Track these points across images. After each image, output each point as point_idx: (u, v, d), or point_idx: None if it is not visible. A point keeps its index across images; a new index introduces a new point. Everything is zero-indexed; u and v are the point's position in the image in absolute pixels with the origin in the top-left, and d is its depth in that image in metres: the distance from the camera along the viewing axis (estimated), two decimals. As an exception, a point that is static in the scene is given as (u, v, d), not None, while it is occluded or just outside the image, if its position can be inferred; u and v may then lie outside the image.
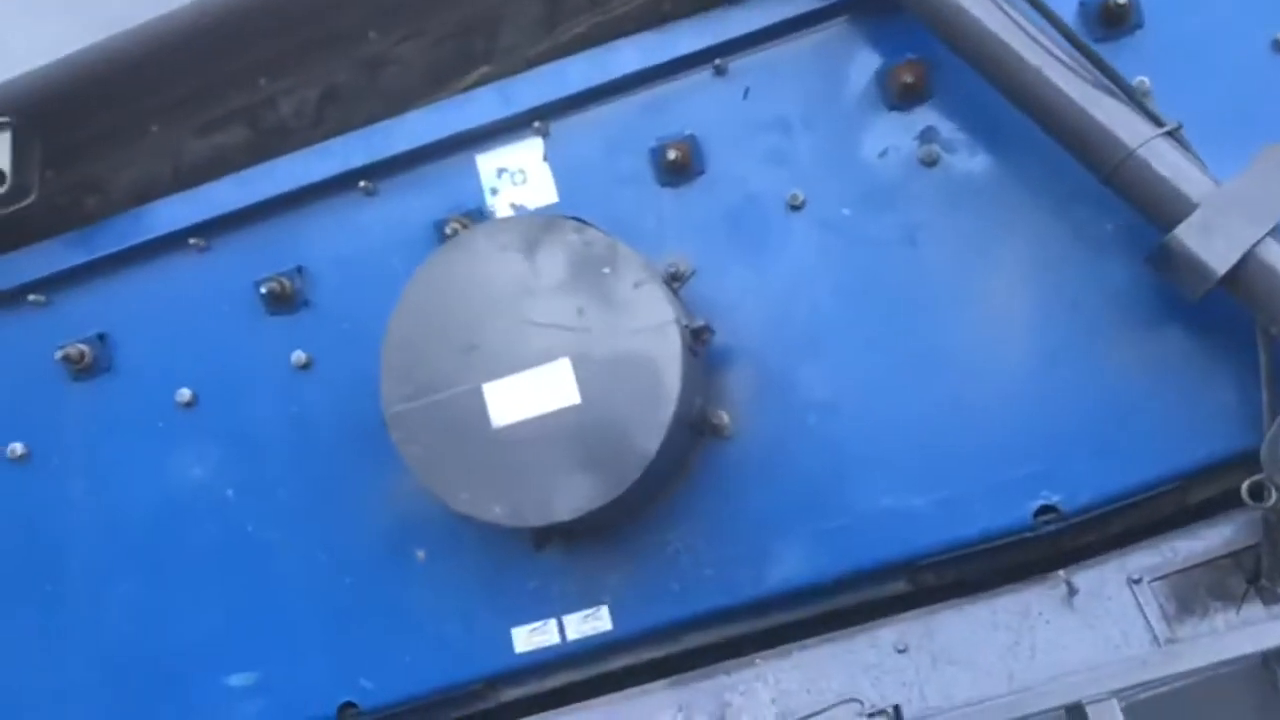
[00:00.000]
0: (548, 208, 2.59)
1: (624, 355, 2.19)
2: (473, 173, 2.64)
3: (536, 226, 2.27)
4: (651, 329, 2.19)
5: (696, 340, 2.28)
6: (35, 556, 2.76)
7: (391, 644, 2.56)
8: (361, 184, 2.67)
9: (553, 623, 2.49)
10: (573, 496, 2.18)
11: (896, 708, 2.03)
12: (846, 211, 2.45)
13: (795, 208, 2.47)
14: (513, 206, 2.61)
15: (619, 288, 2.22)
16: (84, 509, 2.75)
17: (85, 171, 2.95)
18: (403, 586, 2.57)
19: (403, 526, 2.58)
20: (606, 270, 2.22)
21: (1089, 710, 1.94)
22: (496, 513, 2.21)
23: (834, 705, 2.15)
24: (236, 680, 2.62)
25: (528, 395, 2.21)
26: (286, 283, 2.66)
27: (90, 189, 2.98)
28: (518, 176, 2.62)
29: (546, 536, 2.42)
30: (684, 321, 2.23)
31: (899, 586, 2.44)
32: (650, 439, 2.17)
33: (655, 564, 2.46)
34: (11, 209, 2.65)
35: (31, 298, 2.81)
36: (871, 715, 2.05)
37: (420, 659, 2.54)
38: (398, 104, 2.83)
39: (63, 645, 2.71)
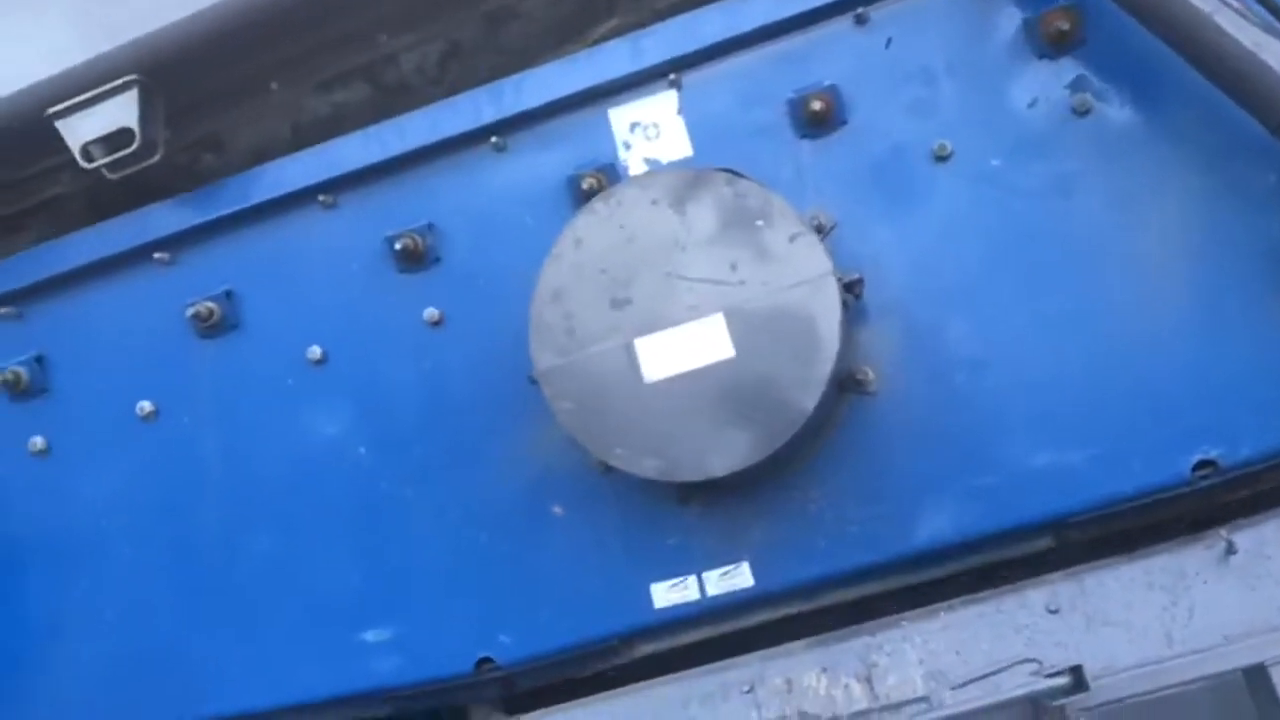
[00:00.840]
0: (682, 161, 2.55)
1: (779, 310, 2.16)
2: (605, 127, 2.60)
3: (687, 179, 2.24)
4: (808, 283, 2.15)
5: (850, 293, 2.24)
6: (166, 514, 2.77)
7: (529, 600, 2.56)
8: (492, 139, 2.64)
9: (692, 579, 2.48)
10: (727, 452, 2.16)
11: (1077, 668, 1.99)
12: (995, 162, 2.39)
13: (941, 159, 2.42)
14: (646, 161, 2.58)
15: (773, 241, 2.18)
16: (214, 467, 2.76)
17: (204, 129, 2.94)
18: (540, 542, 2.56)
19: (539, 482, 2.57)
20: (760, 223, 2.19)
21: (1272, 672, 1.89)
22: (650, 468, 2.20)
23: (1011, 665, 2.12)
24: (372, 636, 2.63)
25: (680, 350, 2.19)
26: (418, 239, 2.64)
27: (209, 147, 2.98)
28: (651, 130, 2.58)
29: (691, 492, 2.41)
30: (838, 275, 2.19)
31: (1044, 543, 2.41)
32: (807, 395, 2.14)
33: (798, 520, 2.43)
34: (139, 167, 2.64)
35: (157, 255, 2.80)
36: (1050, 676, 2.01)
37: (558, 615, 2.54)
38: (520, 60, 2.80)
39: (197, 602, 2.73)
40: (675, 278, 2.20)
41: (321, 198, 2.72)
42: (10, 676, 2.82)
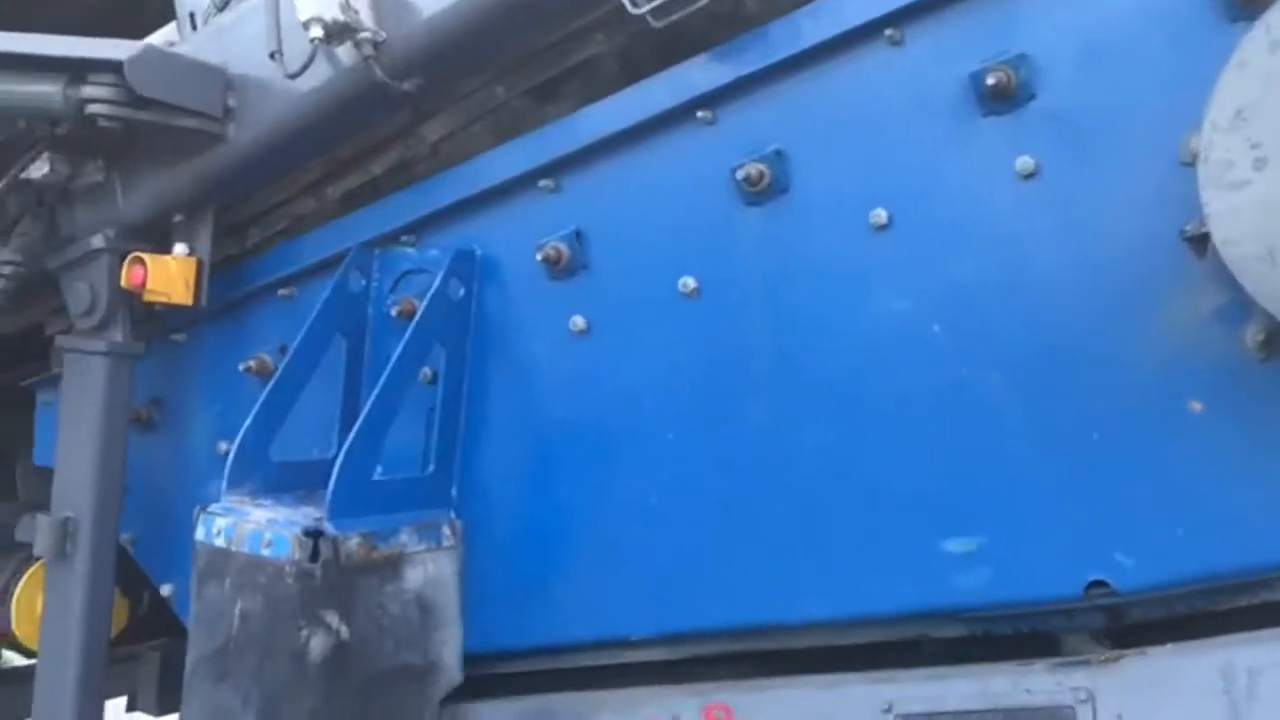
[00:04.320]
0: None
1: None
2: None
3: None
4: None
5: None
6: (712, 400, 2.53)
7: (1157, 515, 2.07)
8: (1119, -66, 2.09)
9: (1396, 498, 1.86)
10: None
11: None
12: None
13: None
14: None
15: None
16: (764, 349, 2.47)
17: (751, -34, 2.60)
18: (1171, 445, 2.06)
19: (1171, 370, 2.05)
20: None
21: None
22: (1384, 349, 1.61)
23: None
24: (954, 546, 2.25)
25: None
26: (1010, 73, 2.17)
27: (754, -14, 2.64)
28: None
29: None
30: None
31: None
32: None
33: None
34: (690, 9, 2.36)
35: (699, 115, 2.52)
36: None
37: (1196, 535, 2.03)
38: None
39: (747, 497, 2.47)
40: None
41: (888, 33, 2.31)
42: (553, 557, 2.73)
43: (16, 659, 5.01)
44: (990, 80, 2.15)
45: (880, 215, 2.33)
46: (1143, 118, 2.08)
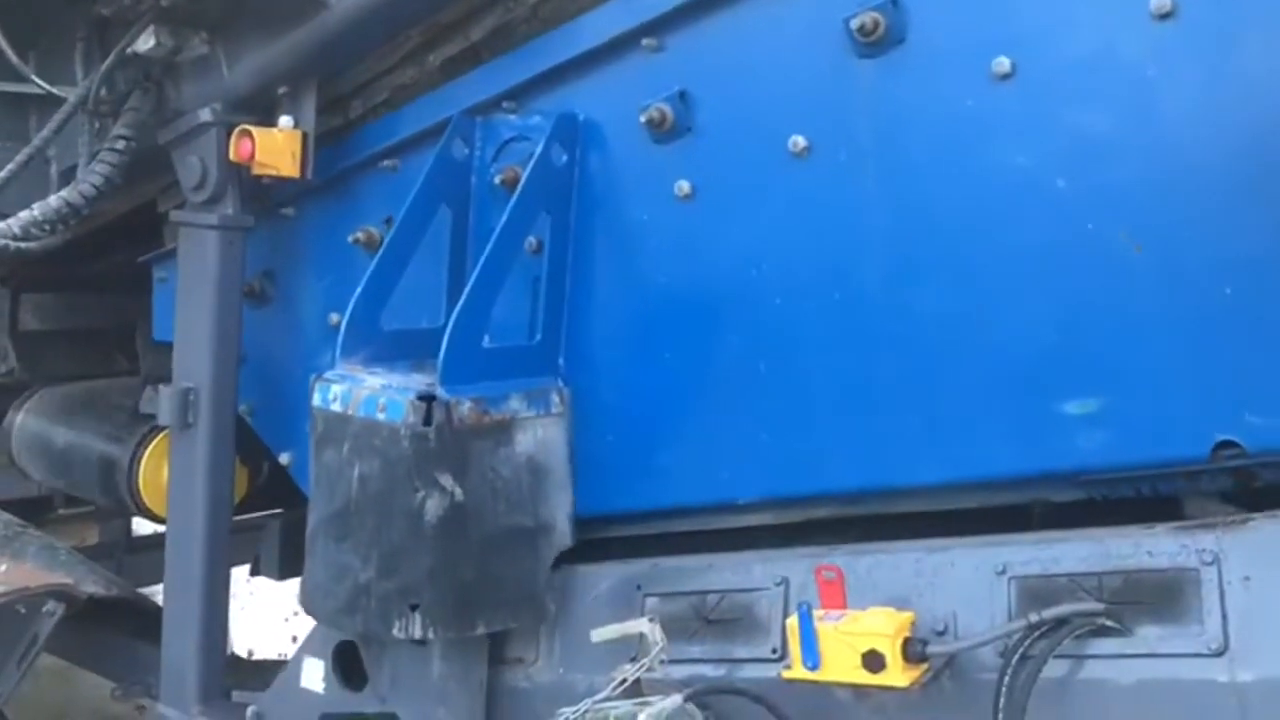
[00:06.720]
0: None
1: None
2: None
3: None
4: None
5: None
6: (823, 262, 2.48)
7: (1294, 373, 1.97)
8: None
9: None
10: None
11: None
12: None
13: None
14: None
15: None
16: (879, 208, 2.40)
17: None
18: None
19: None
20: None
21: None
22: None
23: None
24: (1073, 407, 2.19)
25: None
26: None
27: None
28: None
29: None
30: None
31: None
32: None
33: None
34: None
35: (804, -45, 2.42)
36: None
37: (1335, 394, 1.94)
38: None
39: (860, 361, 2.43)
40: None
41: None
42: (660, 423, 2.73)
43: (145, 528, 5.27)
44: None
45: (1003, 64, 2.21)
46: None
